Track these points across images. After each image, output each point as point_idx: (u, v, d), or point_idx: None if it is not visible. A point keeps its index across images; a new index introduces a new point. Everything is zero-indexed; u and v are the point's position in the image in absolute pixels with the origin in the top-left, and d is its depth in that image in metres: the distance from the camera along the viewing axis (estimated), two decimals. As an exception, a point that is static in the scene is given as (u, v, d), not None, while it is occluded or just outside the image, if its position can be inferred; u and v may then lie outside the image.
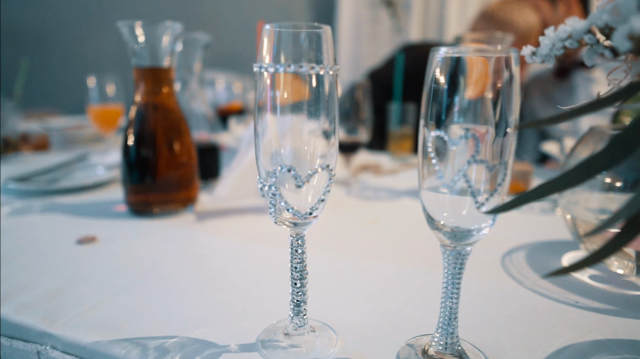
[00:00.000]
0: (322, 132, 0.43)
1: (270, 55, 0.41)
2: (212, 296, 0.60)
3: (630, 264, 0.63)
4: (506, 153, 0.38)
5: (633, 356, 0.48)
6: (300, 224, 0.45)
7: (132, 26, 0.84)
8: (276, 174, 0.42)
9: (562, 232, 0.82)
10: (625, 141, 0.34)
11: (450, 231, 0.41)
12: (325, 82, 0.42)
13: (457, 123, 0.38)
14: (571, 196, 0.71)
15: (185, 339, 0.50)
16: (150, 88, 0.87)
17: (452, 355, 0.45)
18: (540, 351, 0.49)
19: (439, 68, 0.38)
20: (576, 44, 0.39)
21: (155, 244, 0.77)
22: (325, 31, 0.42)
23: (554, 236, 0.82)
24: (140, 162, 0.87)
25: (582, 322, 0.55)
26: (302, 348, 0.48)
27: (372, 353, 0.48)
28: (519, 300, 0.60)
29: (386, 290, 0.62)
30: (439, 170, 0.39)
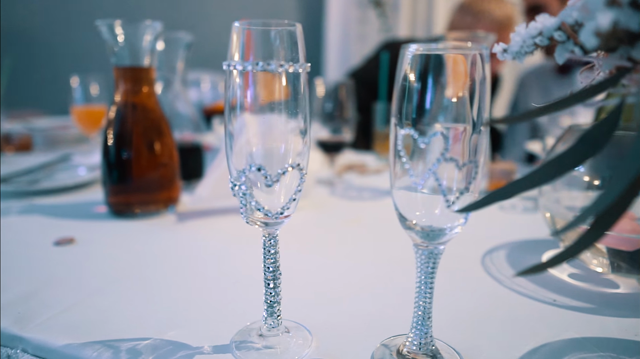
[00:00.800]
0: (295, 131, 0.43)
1: (239, 53, 0.41)
2: (188, 298, 0.59)
3: (604, 261, 0.63)
4: (477, 151, 0.38)
5: (607, 353, 0.48)
6: (272, 224, 0.44)
7: (112, 25, 0.83)
8: (246, 173, 0.41)
9: (543, 231, 0.82)
10: (592, 139, 0.34)
11: (423, 230, 0.41)
12: (296, 80, 0.42)
13: (427, 122, 0.37)
14: (551, 195, 0.71)
15: (158, 341, 0.49)
16: (130, 87, 0.87)
17: (425, 355, 0.44)
18: (516, 350, 0.48)
19: (409, 65, 0.38)
20: (547, 41, 0.38)
21: (134, 245, 0.77)
22: (295, 29, 0.41)
23: (536, 235, 0.82)
24: (119, 163, 0.86)
25: (559, 320, 0.55)
26: (276, 349, 0.47)
27: (347, 353, 0.48)
28: (497, 299, 0.60)
29: (363, 290, 0.62)
30: (409, 168, 0.38)
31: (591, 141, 0.34)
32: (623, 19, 0.32)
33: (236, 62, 0.40)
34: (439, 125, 0.37)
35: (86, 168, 1.21)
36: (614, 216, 0.32)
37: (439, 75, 0.37)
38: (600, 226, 0.32)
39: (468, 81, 0.38)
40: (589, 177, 0.67)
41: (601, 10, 0.33)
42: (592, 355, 0.48)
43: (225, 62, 0.41)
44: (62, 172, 1.20)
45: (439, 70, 0.37)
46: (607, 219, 0.32)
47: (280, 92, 0.42)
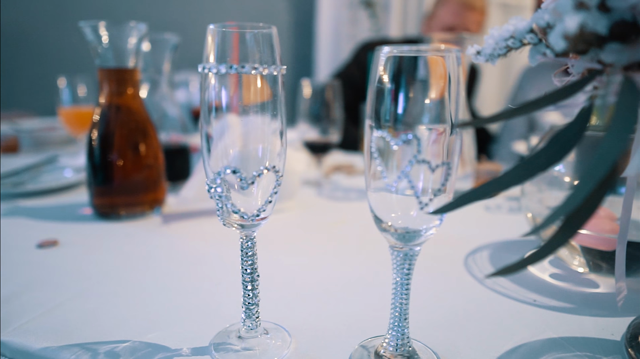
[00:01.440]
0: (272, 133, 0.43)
1: (214, 56, 0.41)
2: (170, 300, 0.59)
3: (585, 261, 0.63)
4: (450, 153, 0.38)
5: (584, 353, 0.48)
6: (249, 226, 0.44)
7: (96, 26, 0.83)
8: (221, 175, 0.41)
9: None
10: (563, 141, 0.35)
11: (399, 232, 0.41)
12: (271, 83, 0.42)
13: (400, 123, 0.37)
14: (534, 196, 0.71)
15: (137, 344, 0.49)
16: (115, 89, 0.86)
17: (401, 356, 0.44)
18: (494, 350, 0.49)
19: (382, 67, 0.38)
20: (519, 44, 0.39)
21: (118, 247, 0.76)
22: (270, 32, 0.42)
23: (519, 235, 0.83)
24: (104, 164, 0.86)
25: (538, 320, 0.55)
26: (255, 351, 0.48)
27: (326, 354, 0.48)
28: (478, 299, 0.60)
29: (344, 291, 0.62)
30: (383, 170, 0.38)
31: (562, 142, 0.35)
32: (590, 22, 0.32)
33: (211, 64, 0.40)
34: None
35: (72, 169, 1.21)
36: (583, 216, 0.32)
37: (412, 77, 0.37)
38: (570, 227, 0.33)
39: (441, 83, 0.38)
40: (570, 177, 0.67)
41: (569, 13, 0.33)
42: (568, 355, 0.48)
43: (201, 65, 0.41)
44: (48, 173, 1.20)
45: (412, 72, 0.38)
46: (577, 219, 0.32)
47: (256, 94, 0.42)
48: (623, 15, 0.33)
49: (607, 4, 0.32)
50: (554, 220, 0.31)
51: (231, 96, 0.41)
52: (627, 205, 0.46)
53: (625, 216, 0.46)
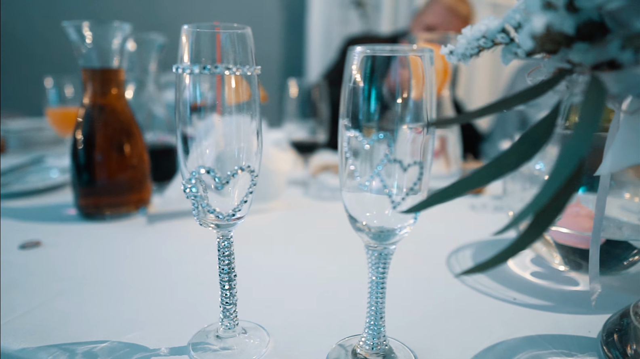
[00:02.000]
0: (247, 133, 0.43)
1: (188, 56, 0.41)
2: (150, 300, 0.59)
3: (565, 259, 0.64)
4: (421, 152, 0.38)
5: (560, 350, 0.49)
6: (224, 226, 0.44)
7: (79, 26, 0.83)
8: (195, 175, 0.41)
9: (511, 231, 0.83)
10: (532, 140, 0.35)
11: (374, 231, 0.41)
12: (244, 83, 0.42)
13: (373, 123, 0.38)
14: (516, 195, 0.72)
15: (115, 344, 0.49)
16: (99, 89, 0.86)
17: (376, 354, 0.45)
18: (472, 348, 0.49)
19: (355, 67, 0.38)
20: (490, 43, 0.39)
21: (101, 248, 0.76)
22: (244, 32, 0.42)
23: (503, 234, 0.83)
24: (88, 165, 0.86)
25: (517, 318, 0.55)
26: (232, 350, 0.48)
27: (304, 353, 0.48)
28: (459, 298, 0.60)
29: (325, 290, 0.62)
30: (355, 170, 0.39)
31: (532, 141, 0.35)
32: (557, 22, 0.32)
33: (185, 64, 0.40)
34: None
35: (59, 170, 1.20)
36: (552, 213, 0.32)
37: (384, 76, 0.38)
38: (540, 224, 0.33)
39: (414, 82, 0.38)
40: (550, 176, 0.67)
41: (537, 13, 0.33)
42: (544, 352, 0.48)
43: (175, 65, 0.41)
44: (34, 174, 1.19)
45: (385, 72, 0.38)
46: (546, 216, 0.33)
47: (231, 94, 0.42)
48: (590, 15, 0.33)
49: (575, 4, 0.33)
50: (523, 217, 0.32)
51: (205, 96, 0.41)
52: (600, 204, 0.46)
53: (598, 216, 0.46)
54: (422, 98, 0.38)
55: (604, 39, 0.33)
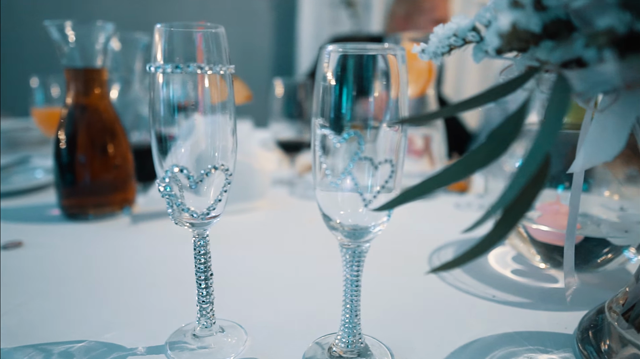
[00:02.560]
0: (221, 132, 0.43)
1: (161, 55, 0.41)
2: (130, 299, 0.59)
3: (545, 256, 0.64)
4: (392, 150, 0.38)
5: (536, 346, 0.49)
6: (199, 224, 0.44)
7: (62, 26, 0.82)
8: (169, 174, 0.41)
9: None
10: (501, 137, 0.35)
11: (348, 229, 0.41)
12: (218, 82, 0.42)
13: (344, 121, 0.38)
14: (497, 193, 0.72)
15: (93, 344, 0.49)
16: (82, 89, 0.86)
17: (353, 352, 0.45)
18: (448, 345, 0.49)
19: (326, 65, 0.38)
20: (461, 42, 0.39)
21: (83, 248, 0.76)
22: (218, 31, 0.42)
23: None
24: (70, 165, 0.86)
25: (495, 315, 0.56)
26: (210, 349, 0.48)
27: (281, 351, 0.48)
28: (438, 295, 0.61)
29: (306, 289, 0.62)
30: (327, 168, 0.39)
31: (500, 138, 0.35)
32: (523, 20, 0.33)
33: (157, 63, 0.40)
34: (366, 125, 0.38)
35: (44, 170, 1.20)
36: (520, 210, 0.33)
37: (356, 75, 0.38)
38: (507, 222, 0.33)
39: (385, 81, 0.38)
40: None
41: (504, 12, 0.34)
42: (520, 349, 0.49)
43: (149, 63, 0.41)
44: (19, 174, 1.18)
45: (357, 70, 0.38)
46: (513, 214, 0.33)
47: (203, 93, 0.42)
48: (557, 13, 0.33)
49: (542, 2, 0.33)
50: (491, 215, 0.32)
51: (178, 95, 0.41)
52: (574, 201, 0.47)
53: (572, 213, 0.47)
54: (394, 97, 0.38)
55: (570, 37, 0.33)
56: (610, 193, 0.69)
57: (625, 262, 0.62)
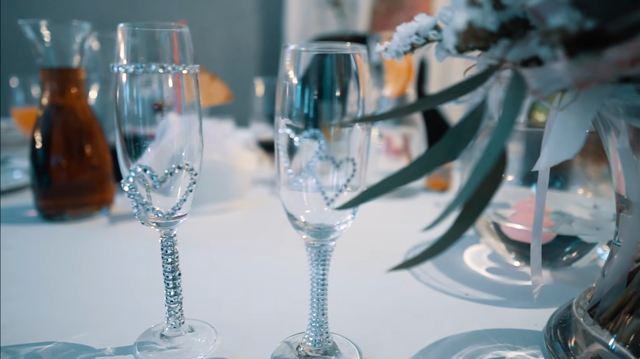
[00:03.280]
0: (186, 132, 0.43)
1: (124, 54, 0.40)
2: (102, 300, 0.58)
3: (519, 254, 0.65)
4: (353, 149, 0.38)
5: (505, 344, 0.49)
6: (165, 224, 0.44)
7: (37, 25, 0.82)
8: (133, 174, 0.41)
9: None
10: (458, 136, 0.35)
11: (313, 228, 0.41)
12: (181, 82, 0.42)
13: (305, 120, 0.38)
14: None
15: (61, 345, 0.49)
16: (58, 89, 0.85)
17: (317, 351, 0.45)
18: (417, 343, 0.49)
19: (288, 64, 0.38)
20: (422, 40, 0.39)
21: (58, 249, 0.76)
22: (182, 31, 0.42)
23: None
24: (46, 166, 0.85)
25: (467, 314, 0.56)
26: (178, 349, 0.47)
27: (250, 350, 0.48)
28: (411, 294, 0.61)
29: (280, 288, 0.62)
30: (289, 167, 0.39)
31: (457, 137, 0.35)
32: (480, 18, 0.33)
33: (120, 63, 0.40)
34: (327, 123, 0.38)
35: (22, 171, 1.19)
36: (478, 207, 0.33)
37: (317, 74, 0.38)
38: (466, 219, 0.33)
39: (347, 80, 0.38)
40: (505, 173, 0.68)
41: (460, 10, 0.34)
42: (489, 346, 0.49)
43: (112, 63, 0.41)
44: (-3, 175, 1.18)
45: (318, 69, 0.38)
46: (471, 211, 0.33)
47: (168, 93, 0.41)
48: (516, 12, 0.34)
49: (501, 1, 0.33)
50: (450, 212, 0.32)
51: (143, 95, 0.41)
52: (539, 199, 0.47)
53: (538, 211, 0.47)
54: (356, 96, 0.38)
55: (526, 36, 0.33)
56: (584, 191, 0.69)
57: (597, 259, 0.62)
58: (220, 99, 1.02)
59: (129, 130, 0.42)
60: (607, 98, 0.38)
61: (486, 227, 0.67)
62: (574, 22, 0.29)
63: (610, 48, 0.28)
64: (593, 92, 0.37)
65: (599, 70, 0.29)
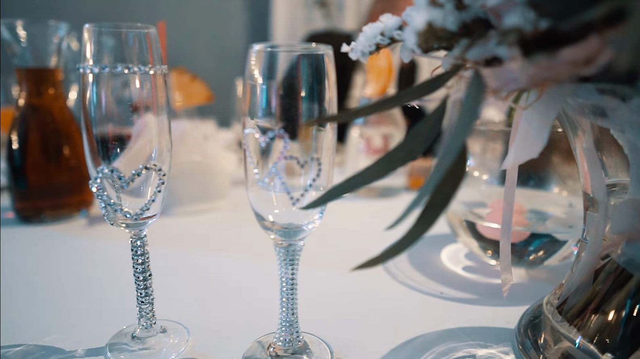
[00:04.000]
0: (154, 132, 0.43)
1: (90, 55, 0.40)
2: (75, 302, 0.58)
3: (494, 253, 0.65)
4: (318, 148, 0.39)
5: (477, 341, 0.50)
6: (134, 225, 0.44)
7: (12, 25, 0.81)
8: (100, 175, 0.41)
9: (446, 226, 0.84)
10: (421, 135, 0.36)
11: (281, 228, 0.41)
12: (150, 83, 0.42)
13: (271, 120, 0.38)
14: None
15: (31, 347, 0.49)
16: (34, 90, 0.85)
17: (284, 350, 0.45)
18: (390, 342, 0.50)
19: (253, 64, 0.39)
20: (388, 40, 0.40)
21: (35, 251, 0.75)
22: (148, 31, 0.41)
23: (442, 230, 0.84)
24: (22, 167, 0.84)
25: (440, 312, 0.56)
26: (150, 350, 0.47)
27: (222, 350, 0.48)
28: (386, 293, 0.61)
29: (254, 288, 0.62)
30: (255, 167, 0.39)
31: (420, 136, 0.36)
32: (439, 18, 0.33)
33: (86, 64, 0.40)
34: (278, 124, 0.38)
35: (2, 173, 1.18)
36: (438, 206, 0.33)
37: (282, 74, 0.38)
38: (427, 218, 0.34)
39: (313, 80, 0.38)
40: (478, 172, 0.69)
41: (421, 10, 0.34)
42: (461, 344, 0.49)
43: (78, 64, 0.41)
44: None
45: (283, 70, 0.38)
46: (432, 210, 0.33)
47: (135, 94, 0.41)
48: (477, 12, 0.34)
49: (463, 1, 0.33)
50: (410, 211, 0.32)
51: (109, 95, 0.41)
52: (508, 197, 0.47)
53: (507, 209, 0.47)
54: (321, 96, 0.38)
55: (485, 36, 0.34)
56: (559, 189, 0.70)
57: (572, 257, 0.63)
58: (201, 100, 1.02)
59: (97, 131, 0.42)
60: (570, 98, 0.38)
61: (462, 226, 0.68)
62: (529, 22, 0.29)
63: (564, 48, 0.29)
64: (555, 92, 0.37)
65: (554, 70, 0.30)
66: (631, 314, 0.41)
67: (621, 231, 0.42)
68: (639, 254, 0.41)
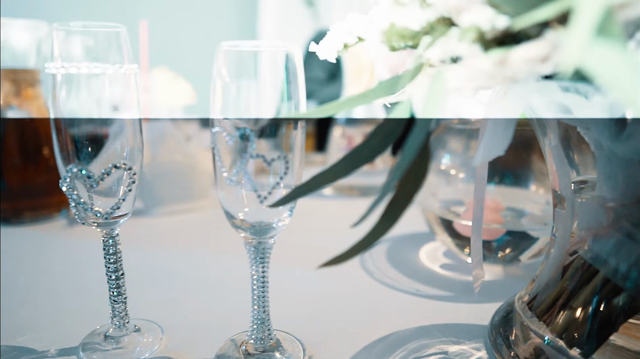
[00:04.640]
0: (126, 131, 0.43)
1: (59, 54, 0.40)
2: (50, 302, 0.58)
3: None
4: (285, 146, 0.39)
5: (449, 338, 0.50)
6: (105, 224, 0.44)
7: (-11, 25, 0.81)
8: (69, 174, 0.41)
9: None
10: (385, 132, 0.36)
11: (251, 227, 0.42)
12: (120, 82, 0.42)
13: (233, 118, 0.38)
14: (428, 189, 0.73)
15: (4, 348, 0.48)
16: (12, 90, 0.84)
17: (257, 348, 0.45)
18: (364, 339, 0.50)
19: (220, 62, 0.39)
20: (355, 39, 0.40)
21: (13, 252, 0.74)
22: (118, 31, 0.41)
23: (421, 228, 0.84)
24: (1, 168, 0.84)
25: (415, 309, 0.57)
26: (123, 349, 0.47)
27: (196, 349, 0.48)
28: (362, 290, 0.61)
29: (230, 287, 0.62)
30: (222, 166, 0.39)
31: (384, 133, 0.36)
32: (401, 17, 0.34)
33: (54, 64, 0.40)
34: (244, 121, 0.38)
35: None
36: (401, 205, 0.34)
37: (249, 72, 0.38)
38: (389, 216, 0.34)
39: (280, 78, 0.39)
40: (455, 170, 0.69)
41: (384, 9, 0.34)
42: (433, 341, 0.50)
43: (47, 64, 0.41)
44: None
45: (250, 68, 0.38)
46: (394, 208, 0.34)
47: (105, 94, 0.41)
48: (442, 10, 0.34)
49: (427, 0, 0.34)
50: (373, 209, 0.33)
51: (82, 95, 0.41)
52: (478, 195, 0.48)
53: (477, 206, 0.48)
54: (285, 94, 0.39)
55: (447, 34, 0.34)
56: (536, 187, 0.70)
57: (545, 254, 0.63)
58: (185, 100, 1.02)
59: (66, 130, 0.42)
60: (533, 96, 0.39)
61: (439, 224, 0.68)
62: (487, 19, 0.30)
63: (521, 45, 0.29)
64: (519, 90, 0.37)
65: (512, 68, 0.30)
66: (598, 310, 0.41)
67: (588, 228, 0.43)
68: (605, 250, 0.42)
